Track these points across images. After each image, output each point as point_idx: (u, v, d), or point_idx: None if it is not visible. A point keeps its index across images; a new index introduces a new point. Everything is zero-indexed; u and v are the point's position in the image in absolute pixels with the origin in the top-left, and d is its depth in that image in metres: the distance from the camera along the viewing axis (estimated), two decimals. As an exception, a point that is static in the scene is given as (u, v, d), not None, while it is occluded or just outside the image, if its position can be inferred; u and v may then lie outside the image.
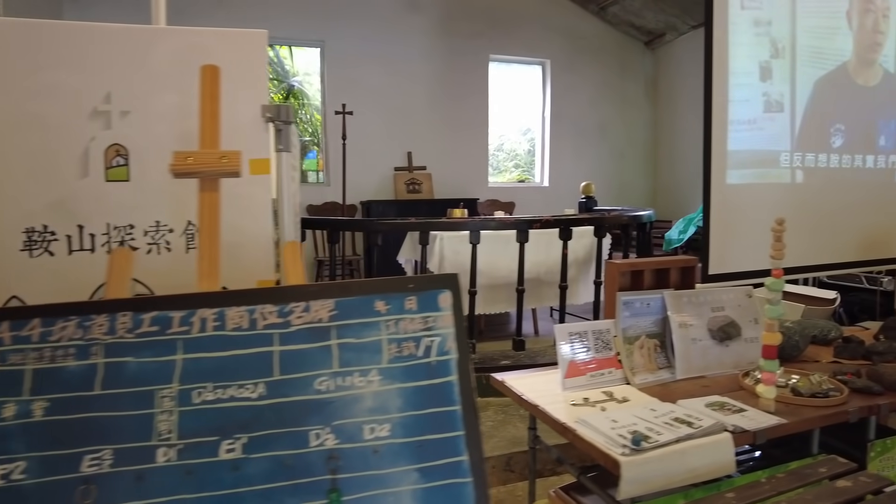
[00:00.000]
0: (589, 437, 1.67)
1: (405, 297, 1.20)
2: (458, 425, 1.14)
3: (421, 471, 1.10)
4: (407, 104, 7.00)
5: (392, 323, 1.18)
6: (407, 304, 1.19)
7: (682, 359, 2.18)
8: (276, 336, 1.14)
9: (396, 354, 1.16)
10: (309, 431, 1.09)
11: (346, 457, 1.09)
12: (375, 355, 1.15)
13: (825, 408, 1.90)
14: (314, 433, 1.09)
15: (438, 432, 1.13)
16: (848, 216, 3.32)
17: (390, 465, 1.09)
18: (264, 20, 6.32)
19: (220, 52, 1.98)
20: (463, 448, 1.13)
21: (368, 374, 1.14)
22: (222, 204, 2.07)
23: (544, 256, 4.38)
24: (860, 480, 1.51)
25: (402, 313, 1.19)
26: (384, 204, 6.59)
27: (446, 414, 1.15)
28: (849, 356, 2.43)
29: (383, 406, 1.12)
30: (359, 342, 1.15)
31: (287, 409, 1.10)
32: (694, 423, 1.73)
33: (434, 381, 1.16)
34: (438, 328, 1.19)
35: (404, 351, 1.16)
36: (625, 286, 2.27)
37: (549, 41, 7.72)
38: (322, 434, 1.09)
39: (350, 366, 1.14)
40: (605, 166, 8.25)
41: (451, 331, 1.19)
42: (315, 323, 1.15)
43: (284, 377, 1.12)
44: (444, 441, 1.13)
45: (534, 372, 2.26)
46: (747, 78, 2.90)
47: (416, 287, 1.21)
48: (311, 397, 1.11)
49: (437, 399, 1.15)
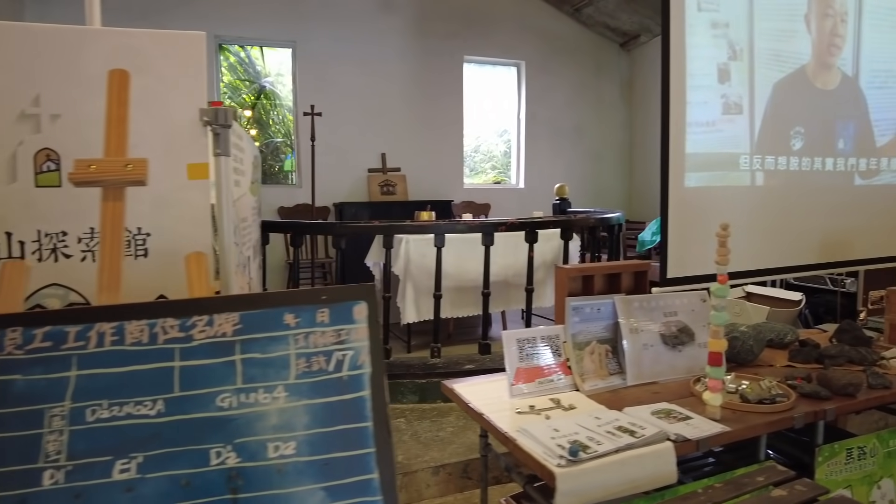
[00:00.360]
0: (527, 448, 1.64)
1: (317, 309, 1.15)
2: (369, 442, 1.10)
3: (328, 490, 1.06)
4: (381, 105, 6.95)
5: (301, 337, 1.13)
6: (318, 317, 1.15)
7: (632, 365, 2.16)
8: (177, 351, 1.09)
9: (305, 370, 1.12)
10: (210, 450, 1.05)
11: (248, 476, 1.04)
12: (282, 371, 1.11)
13: (771, 414, 1.88)
14: (215, 451, 1.05)
15: (348, 450, 1.09)
16: (809, 218, 3.32)
17: (294, 484, 1.05)
18: (234, 20, 6.26)
19: (155, 55, 1.93)
20: (373, 466, 1.09)
21: (274, 391, 1.10)
22: (161, 210, 2.02)
23: (512, 259, 4.35)
24: (795, 489, 1.49)
25: (312, 326, 1.15)
26: (357, 206, 6.53)
27: (357, 431, 1.11)
28: (803, 360, 2.43)
29: (289, 423, 1.08)
30: (265, 357, 1.11)
31: (187, 426, 1.05)
32: (637, 431, 1.70)
33: (345, 396, 1.12)
34: (352, 342, 1.15)
35: (313, 366, 1.12)
36: (576, 291, 2.25)
37: (523, 42, 7.71)
38: (223, 452, 1.05)
39: (255, 382, 1.10)
40: (580, 168, 8.26)
41: (366, 344, 1.15)
42: (218, 337, 1.11)
43: (185, 393, 1.07)
44: (354, 459, 1.09)
45: (490, 378, 2.21)
46: (705, 80, 2.89)
47: (329, 299, 1.16)
48: (212, 414, 1.07)
49: (347, 415, 1.11)
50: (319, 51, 6.62)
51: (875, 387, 2.10)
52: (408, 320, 4.07)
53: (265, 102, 6.86)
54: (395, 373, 3.55)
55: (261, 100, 6.84)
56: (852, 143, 3.37)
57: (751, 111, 3.04)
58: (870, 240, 3.53)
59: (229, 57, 6.63)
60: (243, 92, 6.83)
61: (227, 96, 6.73)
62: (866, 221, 3.50)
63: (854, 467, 2.10)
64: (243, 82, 6.80)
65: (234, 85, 6.78)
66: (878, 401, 2.09)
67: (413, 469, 2.62)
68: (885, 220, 3.55)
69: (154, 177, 1.98)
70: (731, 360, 2.38)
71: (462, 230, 3.89)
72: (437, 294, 3.76)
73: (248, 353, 1.11)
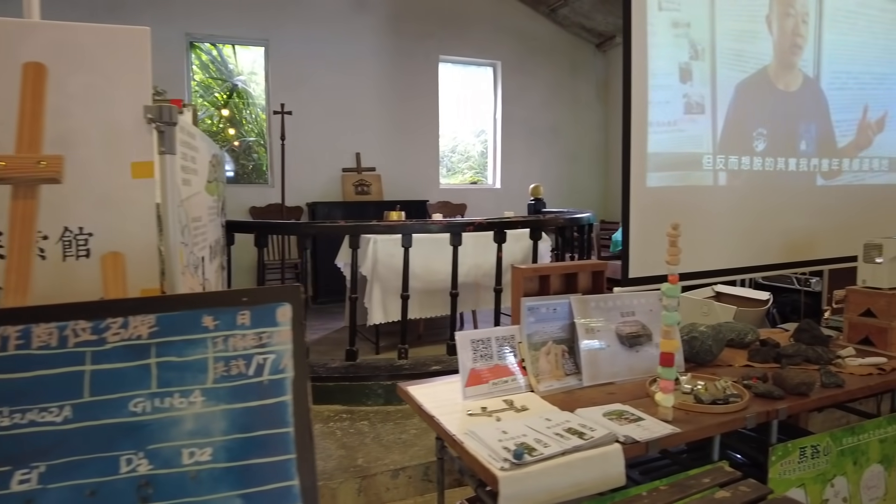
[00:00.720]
0: (473, 451, 1.61)
1: (238, 311, 1.12)
2: (290, 448, 1.07)
3: (245, 497, 1.02)
4: (355, 104, 6.89)
5: (220, 340, 1.09)
6: (239, 319, 1.11)
7: (588, 365, 2.14)
8: (88, 354, 1.05)
9: (224, 373, 1.08)
10: (120, 457, 1.00)
11: (160, 483, 1.00)
12: (199, 375, 1.07)
13: (723, 414, 1.88)
14: (125, 458, 1.00)
15: (267, 456, 1.06)
16: (773, 219, 3.34)
17: (210, 492, 1.01)
18: (206, 18, 6.17)
19: (97, 50, 1.88)
20: (293, 472, 1.06)
21: (190, 395, 1.06)
22: (104, 209, 1.97)
23: (482, 259, 4.33)
24: (740, 490, 1.48)
25: (232, 329, 1.11)
26: (330, 206, 6.47)
27: (277, 436, 1.07)
28: (761, 360, 2.43)
29: (206, 429, 1.04)
30: (181, 360, 1.07)
31: (96, 433, 1.01)
32: (586, 433, 1.68)
33: (265, 401, 1.08)
34: (274, 345, 1.11)
35: (233, 370, 1.08)
36: (532, 291, 2.22)
37: (499, 42, 7.70)
38: (134, 459, 1.01)
39: (170, 386, 1.06)
40: (557, 168, 8.27)
41: (288, 347, 1.11)
42: (133, 340, 1.06)
43: (95, 399, 1.03)
44: (273, 465, 1.05)
45: (449, 379, 2.17)
46: (667, 79, 2.89)
47: (251, 300, 1.13)
48: (124, 420, 1.02)
49: (267, 421, 1.07)
50: (293, 49, 6.55)
51: (828, 386, 2.11)
52: (375, 321, 4.03)
53: (238, 101, 6.77)
54: (361, 374, 3.51)
55: (233, 99, 6.75)
56: (814, 144, 3.39)
57: (713, 111, 3.05)
58: (833, 239, 3.56)
59: (201, 55, 6.54)
60: (216, 91, 6.73)
61: (199, 95, 6.64)
62: (829, 221, 3.53)
63: (808, 466, 2.10)
64: (216, 81, 6.71)
65: (207, 84, 6.69)
66: (830, 400, 2.10)
67: (372, 472, 2.59)
68: (846, 220, 3.58)
69: (96, 175, 1.93)
70: (691, 360, 2.38)
71: (430, 230, 3.86)
72: (405, 295, 3.73)
73: (164, 357, 1.07)
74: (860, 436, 2.24)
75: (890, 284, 2.68)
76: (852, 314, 2.76)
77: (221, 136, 6.82)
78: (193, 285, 2.23)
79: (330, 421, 3.17)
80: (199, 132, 2.60)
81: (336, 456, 2.74)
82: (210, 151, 2.86)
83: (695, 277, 3.25)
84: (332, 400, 3.37)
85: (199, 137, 2.50)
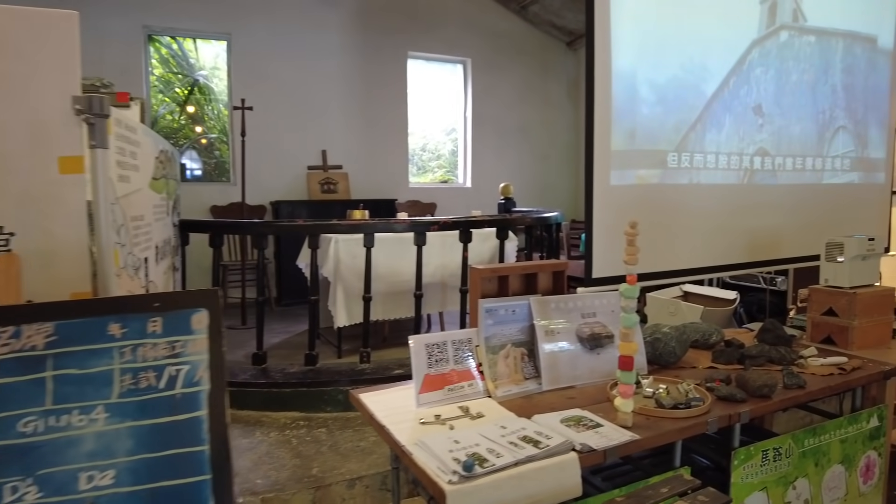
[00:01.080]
0: (422, 463, 1.52)
1: (149, 318, 1.01)
2: (205, 468, 0.97)
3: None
4: (321, 101, 6.75)
5: (128, 349, 0.99)
6: (150, 327, 1.01)
7: (548, 369, 2.07)
8: (-29, 368, 0.93)
9: (131, 387, 0.98)
10: (4, 485, 0.89)
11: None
12: (103, 388, 0.96)
13: (684, 419, 1.82)
14: (10, 487, 0.89)
15: (179, 477, 0.95)
16: (738, 218, 3.32)
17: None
18: (165, 10, 5.98)
19: (19, 34, 1.75)
20: (208, 494, 0.96)
21: (92, 412, 0.95)
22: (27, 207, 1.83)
23: (449, 259, 4.25)
24: (698, 500, 1.42)
25: (142, 338, 1.00)
26: (294, 204, 6.31)
27: (191, 455, 0.97)
28: (725, 361, 2.39)
29: (108, 449, 0.94)
30: (82, 373, 0.96)
31: (-22, 458, 0.90)
32: (542, 442, 1.61)
33: (178, 417, 0.98)
34: (189, 354, 1.01)
35: (141, 382, 0.98)
36: (491, 292, 2.14)
37: (469, 39, 7.63)
38: (21, 487, 0.90)
39: (68, 402, 0.95)
40: (528, 167, 8.23)
41: (204, 357, 1.01)
42: (26, 351, 0.95)
43: (-22, 419, 0.91)
44: (186, 487, 0.95)
45: (406, 385, 2.07)
46: (630, 76, 2.84)
47: (164, 306, 1.02)
48: (11, 442, 0.91)
49: (179, 438, 0.97)
50: (256, 44, 6.38)
51: (790, 387, 2.07)
52: (339, 324, 3.92)
53: (200, 97, 6.58)
54: (320, 380, 3.40)
55: (195, 94, 6.55)
56: (779, 143, 3.38)
57: (677, 109, 3.01)
58: (798, 238, 3.56)
59: (160, 49, 6.34)
60: (176, 86, 6.53)
61: (159, 90, 6.43)
62: (794, 220, 3.53)
63: (770, 469, 2.07)
64: (176, 76, 6.51)
65: (167, 78, 6.49)
66: (792, 401, 2.07)
67: (327, 483, 2.48)
68: (811, 219, 3.59)
69: (19, 171, 1.79)
70: (654, 362, 2.33)
71: (393, 230, 3.76)
72: (367, 297, 3.62)
73: (62, 369, 0.96)
74: (822, 436, 2.21)
75: (851, 283, 2.67)
76: (815, 313, 2.75)
77: (183, 133, 6.63)
78: (132, 288, 2.11)
79: (286, 429, 3.05)
80: (143, 126, 2.47)
81: (290, 465, 2.63)
82: (157, 147, 2.72)
83: (662, 277, 3.22)
84: (289, 406, 3.25)
85: (141, 132, 2.36)
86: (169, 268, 3.11)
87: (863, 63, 3.78)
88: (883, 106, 3.95)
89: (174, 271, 3.37)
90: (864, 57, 3.78)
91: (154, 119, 6.28)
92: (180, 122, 6.63)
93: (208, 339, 1.02)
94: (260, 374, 3.48)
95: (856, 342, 2.60)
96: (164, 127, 6.48)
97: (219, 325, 1.03)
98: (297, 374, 3.44)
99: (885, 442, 2.43)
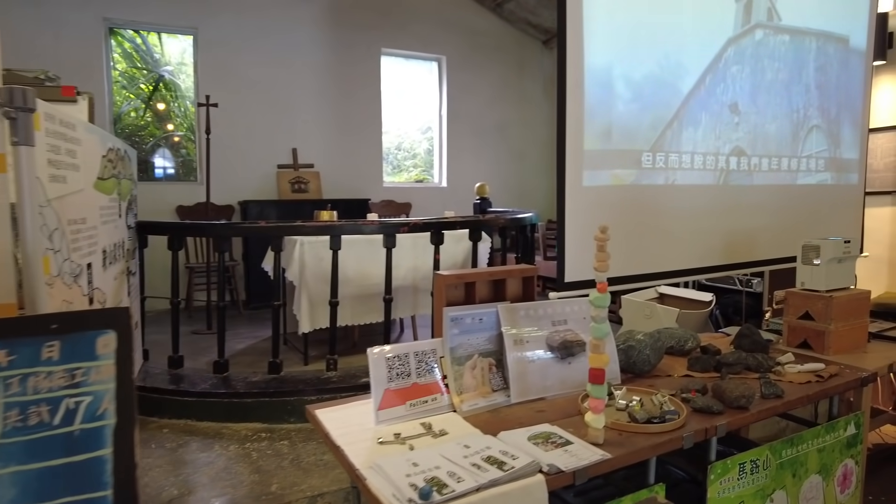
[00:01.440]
0: (375, 489, 1.40)
1: (43, 342, 0.87)
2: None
3: (40, 589, 0.79)
4: (292, 98, 6.57)
5: (15, 380, 0.85)
6: (45, 353, 0.87)
7: (516, 380, 1.96)
8: None
9: (17, 424, 0.84)
10: None
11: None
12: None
13: (659, 435, 1.73)
14: None
15: (74, 531, 0.82)
16: (714, 219, 3.26)
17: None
18: (127, 3, 5.76)
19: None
20: (110, 550, 0.82)
21: (-32, 456, 0.81)
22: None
23: (421, 262, 4.13)
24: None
25: (34, 366, 0.86)
26: (264, 204, 6.13)
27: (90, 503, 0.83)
28: (701, 368, 2.31)
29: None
30: (-42, 410, 0.82)
31: None
32: (507, 463, 1.49)
33: (75, 458, 0.84)
34: (91, 384, 0.87)
35: (31, 419, 0.84)
36: (457, 300, 2.03)
37: (444, 37, 7.51)
38: None
39: (-60, 445, 0.81)
40: (504, 167, 8.14)
41: (111, 387, 0.88)
42: None
43: None
44: (83, 543, 0.82)
45: (368, 399, 1.92)
46: (604, 75, 2.74)
47: (63, 328, 0.89)
48: None
49: (76, 483, 0.83)
50: (224, 39, 6.19)
51: (768, 396, 2.00)
52: (303, 330, 3.77)
53: (166, 94, 6.36)
54: (284, 389, 3.25)
55: (160, 91, 6.33)
56: (755, 142, 3.32)
57: (652, 108, 2.92)
58: (773, 240, 3.51)
59: (123, 43, 6.10)
60: (141, 81, 6.30)
61: (122, 86, 6.20)
62: (769, 222, 3.48)
63: (747, 482, 1.98)
64: (140, 71, 6.28)
65: (130, 74, 6.26)
66: (770, 412, 1.99)
67: (286, 501, 2.35)
68: (786, 220, 3.54)
69: (-67, 169, 1.64)
70: (628, 371, 2.24)
71: (361, 231, 3.62)
72: (334, 301, 3.48)
73: (-67, 406, 0.82)
74: (799, 446, 2.13)
75: (827, 287, 2.61)
76: (791, 317, 2.69)
77: (149, 131, 6.40)
78: (70, 297, 1.95)
79: (246, 441, 2.90)
80: (86, 123, 2.30)
81: (248, 482, 2.49)
82: (105, 145, 2.56)
83: (637, 280, 3.14)
84: (250, 417, 3.10)
85: (83, 128, 2.20)
86: (122, 272, 2.94)
87: (835, 63, 3.75)
88: (856, 106, 3.93)
89: (129, 276, 3.20)
90: (836, 56, 3.75)
91: (117, 116, 6.05)
92: (146, 119, 6.41)
93: (115, 366, 0.89)
94: (221, 383, 3.32)
95: (832, 346, 2.54)
96: (129, 125, 6.26)
97: (129, 348, 0.90)
98: (260, 384, 3.29)
99: (861, 450, 2.37)
